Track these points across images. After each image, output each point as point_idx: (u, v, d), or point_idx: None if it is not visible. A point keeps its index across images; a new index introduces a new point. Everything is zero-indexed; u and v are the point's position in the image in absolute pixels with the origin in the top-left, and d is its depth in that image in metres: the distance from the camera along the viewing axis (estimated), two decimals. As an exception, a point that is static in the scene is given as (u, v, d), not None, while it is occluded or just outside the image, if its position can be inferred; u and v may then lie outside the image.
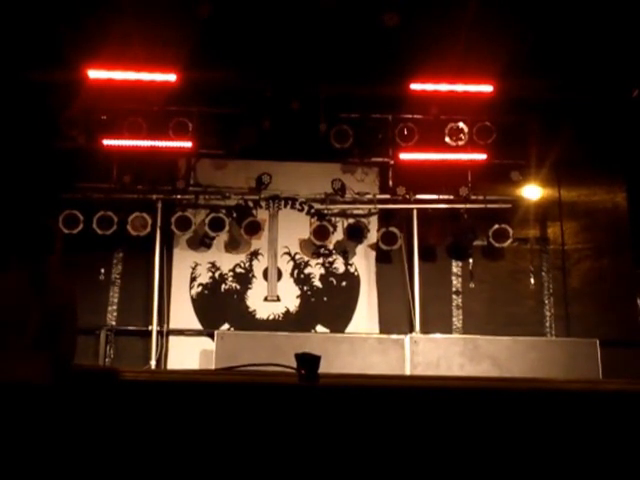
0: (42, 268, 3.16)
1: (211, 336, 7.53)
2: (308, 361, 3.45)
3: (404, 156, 8.00)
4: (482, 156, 7.95)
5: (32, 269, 3.15)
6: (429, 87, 7.41)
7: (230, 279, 8.18)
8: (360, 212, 8.27)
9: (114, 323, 7.91)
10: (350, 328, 8.10)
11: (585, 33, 6.72)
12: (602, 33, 6.73)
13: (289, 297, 8.19)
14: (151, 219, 7.83)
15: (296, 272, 8.26)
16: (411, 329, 7.89)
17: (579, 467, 3.30)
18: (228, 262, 8.21)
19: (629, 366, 6.93)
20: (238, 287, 8.18)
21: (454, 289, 8.22)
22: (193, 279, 8.15)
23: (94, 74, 7.14)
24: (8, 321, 3.02)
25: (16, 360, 2.99)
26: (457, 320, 8.12)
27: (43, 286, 3.11)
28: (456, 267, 8.28)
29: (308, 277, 8.26)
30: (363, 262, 8.30)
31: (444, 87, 7.37)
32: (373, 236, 8.20)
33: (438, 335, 7.65)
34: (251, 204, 8.29)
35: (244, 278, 8.19)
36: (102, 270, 7.94)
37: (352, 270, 8.30)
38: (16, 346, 3.01)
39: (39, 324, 3.02)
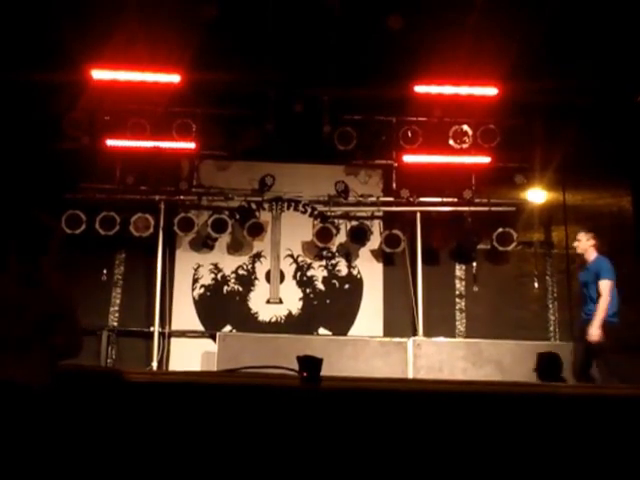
0: (38, 268, 3.15)
1: (213, 338, 7.51)
2: (310, 364, 3.44)
3: (408, 158, 7.98)
4: (486, 159, 7.93)
5: (28, 269, 3.14)
6: (433, 89, 7.38)
7: (232, 281, 8.17)
8: (363, 214, 8.25)
9: (116, 324, 7.89)
10: (353, 331, 8.07)
11: (590, 37, 6.70)
12: (607, 37, 6.70)
13: (291, 299, 8.17)
14: (154, 220, 7.83)
15: (299, 274, 8.23)
16: (414, 332, 7.87)
17: (582, 471, 3.28)
18: (230, 264, 8.20)
19: (633, 371, 6.88)
20: (240, 289, 8.16)
21: (457, 292, 8.19)
22: (195, 280, 8.13)
23: (98, 74, 7.13)
24: (2, 321, 3.01)
25: (9, 361, 2.97)
26: (460, 324, 8.09)
27: (37, 286, 3.09)
28: (460, 270, 8.25)
29: (311, 279, 8.23)
30: (366, 265, 8.27)
31: (448, 90, 7.35)
32: (376, 239, 8.18)
33: (441, 339, 7.62)
34: (254, 206, 8.27)
35: (246, 280, 8.18)
36: (104, 271, 7.92)
37: (355, 273, 8.28)
38: (9, 346, 2.99)
39: (32, 324, 3.00)
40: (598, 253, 6.46)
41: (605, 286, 6.19)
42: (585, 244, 6.48)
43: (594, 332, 6.11)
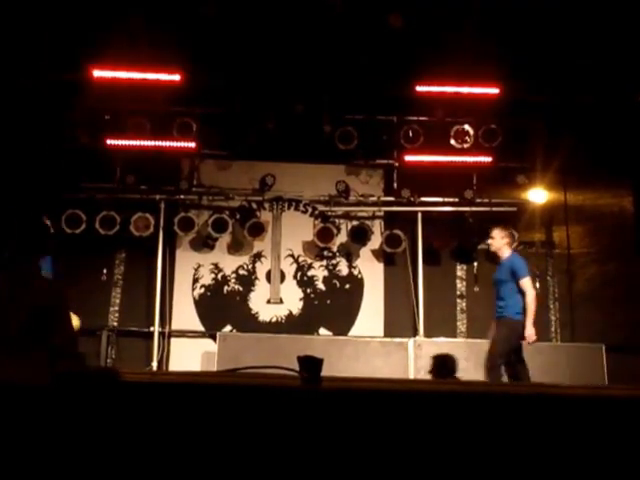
0: (31, 268, 3.14)
1: (213, 338, 7.51)
2: (310, 364, 3.42)
3: (409, 158, 7.96)
4: (488, 159, 7.91)
5: (21, 269, 3.13)
6: (435, 89, 7.37)
7: (233, 281, 8.15)
8: (364, 214, 8.24)
9: (116, 324, 7.88)
10: (353, 331, 8.06)
11: (592, 37, 6.69)
12: (607, 37, 6.69)
13: (292, 299, 8.16)
14: (154, 220, 7.81)
15: (299, 274, 8.22)
16: (415, 332, 7.85)
17: (582, 472, 3.27)
18: (231, 264, 8.19)
19: (635, 372, 6.87)
20: (241, 289, 8.15)
21: (458, 293, 8.18)
22: (195, 280, 8.12)
23: (99, 73, 7.13)
24: (1, 322, 3.00)
25: (9, 361, 2.96)
26: (461, 324, 8.08)
27: (30, 286, 3.08)
28: (461, 270, 8.24)
29: (311, 279, 8.22)
30: (367, 265, 8.26)
31: (450, 89, 7.34)
32: (377, 239, 8.16)
33: (442, 339, 7.60)
34: (254, 205, 8.26)
35: (247, 280, 8.17)
36: (104, 271, 7.90)
37: (356, 273, 8.26)
38: (8, 346, 2.98)
39: (24, 324, 2.99)
40: (512, 251, 6.27)
41: (527, 283, 5.94)
42: (499, 242, 6.19)
43: (529, 332, 5.86)
